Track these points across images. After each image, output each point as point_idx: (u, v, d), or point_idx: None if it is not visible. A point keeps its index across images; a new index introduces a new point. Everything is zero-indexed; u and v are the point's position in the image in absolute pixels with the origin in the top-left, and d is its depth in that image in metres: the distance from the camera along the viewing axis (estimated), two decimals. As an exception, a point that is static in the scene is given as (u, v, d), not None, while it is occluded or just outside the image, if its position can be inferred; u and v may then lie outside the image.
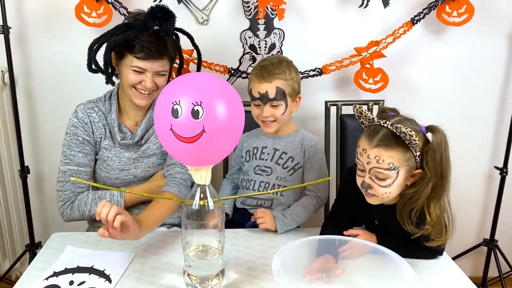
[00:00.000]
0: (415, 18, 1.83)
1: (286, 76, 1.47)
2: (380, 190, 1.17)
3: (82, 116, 1.48)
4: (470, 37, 1.95)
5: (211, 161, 1.06)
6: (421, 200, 1.16)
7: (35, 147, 2.08)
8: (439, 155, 1.13)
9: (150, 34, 1.37)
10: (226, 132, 1.01)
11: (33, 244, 2.02)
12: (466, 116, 2.05)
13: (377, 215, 1.29)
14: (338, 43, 1.94)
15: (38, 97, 2.02)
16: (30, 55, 1.96)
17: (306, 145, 1.54)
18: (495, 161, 2.11)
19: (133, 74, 1.40)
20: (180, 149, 1.02)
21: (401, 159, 1.13)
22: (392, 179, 1.15)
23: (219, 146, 1.02)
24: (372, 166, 1.15)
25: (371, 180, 1.17)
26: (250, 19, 1.91)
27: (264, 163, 1.56)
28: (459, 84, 2.02)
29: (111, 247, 1.32)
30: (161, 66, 1.41)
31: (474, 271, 2.27)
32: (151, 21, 1.36)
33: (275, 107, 1.47)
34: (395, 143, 1.12)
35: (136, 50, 1.36)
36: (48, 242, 1.35)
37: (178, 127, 0.98)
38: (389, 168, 1.13)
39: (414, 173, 1.17)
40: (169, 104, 0.99)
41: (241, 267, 1.22)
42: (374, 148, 1.13)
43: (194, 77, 1.08)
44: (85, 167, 1.46)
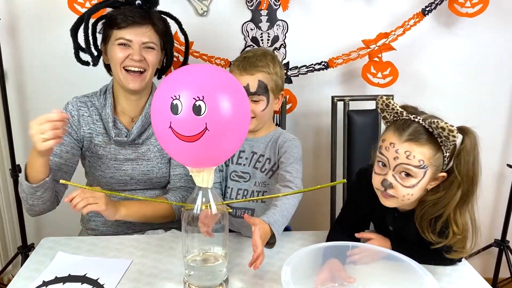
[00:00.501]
0: (426, 9, 1.75)
1: (269, 69, 1.35)
2: (402, 191, 1.07)
3: (71, 109, 1.42)
4: (482, 29, 1.86)
5: (214, 161, 0.98)
6: (449, 208, 1.07)
7: (27, 145, 1.98)
8: (472, 158, 1.05)
9: (131, 9, 1.33)
10: (230, 129, 0.92)
11: (25, 246, 1.94)
12: (477, 112, 1.96)
13: (392, 221, 1.20)
14: (345, 35, 1.85)
15: (30, 93, 1.94)
16: (21, 49, 1.88)
17: (281, 141, 1.38)
18: (507, 159, 2.03)
19: (120, 50, 1.33)
20: (180, 149, 0.93)
21: (432, 158, 1.05)
22: (418, 179, 1.06)
23: (223, 145, 0.94)
24: (400, 161, 1.05)
25: (394, 178, 1.07)
26: (252, 10, 1.82)
27: (242, 169, 1.40)
28: (470, 78, 1.94)
29: (105, 253, 1.23)
30: (146, 36, 1.34)
31: (484, 272, 2.18)
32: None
33: (255, 103, 1.34)
34: (427, 140, 1.04)
35: (118, 21, 1.32)
36: (38, 248, 1.26)
37: (178, 124, 0.90)
38: (419, 166, 1.04)
39: (437, 176, 1.08)
40: (167, 99, 0.90)
41: (246, 275, 1.13)
42: (405, 142, 1.04)
43: (195, 69, 0.98)
44: (53, 156, 1.33)
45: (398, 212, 1.17)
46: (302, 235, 1.34)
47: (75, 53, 1.39)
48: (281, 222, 1.15)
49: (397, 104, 1.09)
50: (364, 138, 1.70)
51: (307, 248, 1.04)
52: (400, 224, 1.17)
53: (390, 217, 1.19)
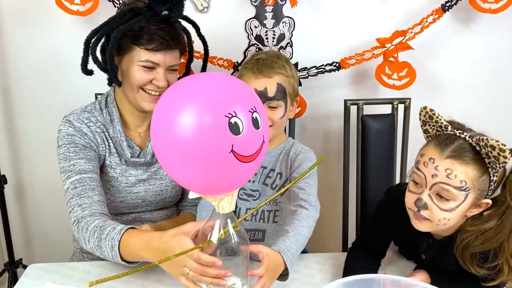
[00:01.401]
0: (447, 4, 1.62)
1: (287, 72, 1.25)
2: (438, 215, 0.95)
3: (80, 126, 1.23)
4: (504, 26, 1.75)
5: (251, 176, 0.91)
6: (501, 240, 0.95)
7: (13, 153, 1.87)
8: None
9: (158, 21, 1.17)
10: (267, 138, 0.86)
11: (12, 263, 1.81)
12: (498, 114, 1.85)
13: (426, 249, 1.08)
14: (356, 33, 1.74)
15: (16, 96, 1.81)
16: (6, 49, 1.75)
17: (293, 154, 1.27)
18: (526, 164, 1.92)
19: (143, 71, 1.18)
20: (236, 174, 0.82)
21: (476, 180, 0.93)
22: (457, 202, 0.94)
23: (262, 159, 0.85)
24: (438, 180, 0.94)
25: (430, 198, 0.95)
26: (256, 6, 1.70)
27: (251, 186, 1.28)
28: (491, 79, 1.82)
29: (100, 283, 1.10)
30: (174, 59, 1.21)
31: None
32: (160, 5, 1.16)
33: (273, 109, 1.23)
34: (473, 159, 0.93)
35: (144, 40, 1.16)
36: (23, 278, 1.13)
37: (240, 145, 0.78)
38: (460, 187, 0.93)
39: (481, 203, 0.96)
40: (222, 119, 0.76)
41: (260, 309, 1.00)
42: (446, 159, 0.93)
43: (216, 78, 0.86)
44: (89, 173, 1.18)
45: (433, 239, 1.04)
46: (319, 258, 1.22)
47: (83, 64, 1.22)
48: (295, 249, 1.03)
49: (442, 117, 0.98)
50: (380, 145, 1.58)
51: (340, 282, 0.90)
52: (435, 253, 1.05)
53: (423, 244, 1.07)
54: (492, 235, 0.96)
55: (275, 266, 0.97)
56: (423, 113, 1.00)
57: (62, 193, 1.85)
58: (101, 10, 1.59)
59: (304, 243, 1.07)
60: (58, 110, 1.79)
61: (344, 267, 1.10)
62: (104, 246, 1.02)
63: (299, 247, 1.05)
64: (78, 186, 1.14)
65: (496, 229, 0.96)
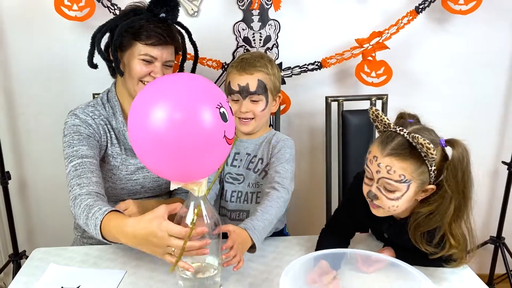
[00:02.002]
0: (420, 7, 1.73)
1: (268, 70, 1.37)
2: (387, 203, 1.07)
3: (85, 118, 1.33)
4: (475, 26, 1.85)
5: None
6: (444, 222, 1.06)
7: (16, 151, 1.96)
8: (461, 172, 1.03)
9: (156, 21, 1.31)
10: None
11: (17, 254, 1.90)
12: (471, 109, 1.96)
13: (387, 228, 1.19)
14: (337, 35, 1.83)
15: (18, 97, 1.90)
16: (9, 53, 1.84)
17: (274, 141, 1.38)
18: (501, 156, 2.03)
19: (142, 65, 1.31)
20: (220, 157, 0.97)
21: (414, 172, 1.03)
22: (401, 192, 1.05)
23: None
24: (381, 175, 1.05)
25: (378, 190, 1.07)
26: (243, 10, 1.80)
27: (236, 170, 1.41)
28: (464, 76, 1.93)
29: (99, 264, 1.21)
30: (170, 55, 1.34)
31: (481, 268, 2.19)
32: (158, 8, 1.31)
33: (255, 103, 1.35)
34: (410, 154, 1.02)
35: (144, 36, 1.29)
36: (28, 261, 1.23)
37: (229, 130, 0.94)
38: (400, 181, 1.03)
39: (426, 188, 1.07)
40: (214, 110, 0.90)
41: (243, 283, 1.12)
42: (386, 157, 1.03)
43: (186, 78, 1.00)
44: (90, 158, 1.26)
45: (393, 220, 1.15)
46: (299, 240, 1.32)
47: (89, 57, 1.35)
48: (262, 226, 1.14)
49: (385, 116, 1.07)
50: (359, 138, 1.69)
51: (305, 257, 1.02)
52: (395, 231, 1.16)
53: (386, 225, 1.18)
54: (435, 215, 1.06)
55: (242, 240, 1.08)
56: (371, 112, 1.09)
57: (62, 188, 1.95)
58: (97, 16, 1.68)
59: (272, 220, 1.18)
60: (58, 110, 1.89)
61: (316, 248, 1.21)
62: (90, 224, 1.10)
63: (267, 224, 1.16)
64: (79, 169, 1.23)
65: (438, 210, 1.06)
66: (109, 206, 1.12)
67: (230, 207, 1.38)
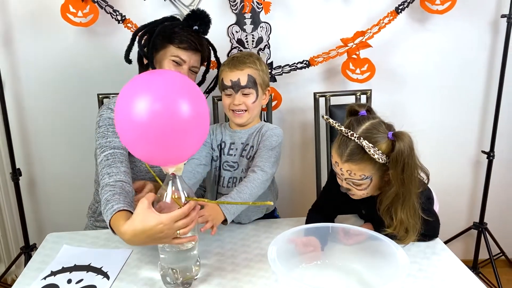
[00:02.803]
0: (399, 8, 1.85)
1: (257, 66, 1.49)
2: (358, 193, 1.23)
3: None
4: (454, 24, 1.97)
5: None
6: (388, 201, 1.20)
7: (25, 150, 2.07)
8: (400, 165, 1.13)
9: (190, 31, 1.47)
10: None
11: (28, 246, 2.02)
12: (452, 102, 2.08)
13: (363, 205, 1.33)
14: (325, 35, 1.95)
15: (27, 99, 2.01)
16: (17, 56, 1.95)
17: (264, 130, 1.49)
18: (481, 146, 2.15)
19: (172, 65, 1.44)
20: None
21: (372, 169, 1.17)
22: (366, 184, 1.20)
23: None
24: (345, 177, 1.20)
25: (348, 185, 1.22)
26: (236, 13, 1.91)
27: (232, 159, 1.52)
28: (444, 71, 2.05)
29: (108, 245, 1.33)
30: (196, 61, 1.48)
31: (465, 254, 2.31)
32: (193, 21, 1.48)
33: (246, 96, 1.48)
34: (363, 157, 1.15)
35: (177, 40, 1.44)
36: (44, 243, 1.36)
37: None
38: (362, 179, 1.19)
39: (388, 173, 1.18)
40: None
41: (237, 259, 1.24)
42: (345, 163, 1.18)
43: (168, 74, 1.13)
44: (121, 149, 1.35)
45: (367, 197, 1.29)
46: (289, 221, 1.46)
47: (127, 52, 1.50)
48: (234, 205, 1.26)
49: (335, 123, 1.20)
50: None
51: (292, 230, 1.14)
52: (370, 207, 1.29)
53: (362, 203, 1.31)
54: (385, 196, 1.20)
55: (215, 213, 1.22)
56: (324, 119, 1.25)
57: (69, 184, 2.09)
58: (100, 22, 1.81)
59: (246, 198, 1.28)
60: (64, 110, 2.02)
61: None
62: (105, 217, 1.20)
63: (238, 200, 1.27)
64: (110, 158, 1.31)
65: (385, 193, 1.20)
66: (122, 203, 1.19)
67: (225, 191, 1.50)
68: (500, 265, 2.25)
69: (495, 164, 2.08)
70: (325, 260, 1.17)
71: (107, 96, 1.79)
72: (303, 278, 1.12)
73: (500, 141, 2.07)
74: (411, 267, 1.13)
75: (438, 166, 2.16)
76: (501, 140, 2.08)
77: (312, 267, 1.16)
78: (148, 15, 1.53)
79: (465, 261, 1.30)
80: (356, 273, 1.14)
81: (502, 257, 2.25)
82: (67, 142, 2.06)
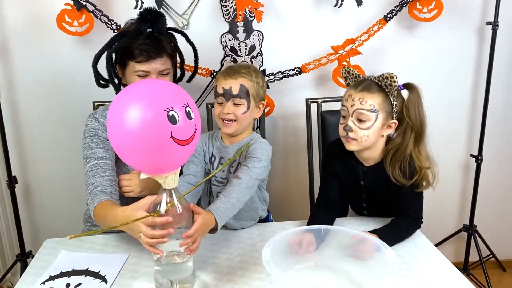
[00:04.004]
0: (388, 16, 1.91)
1: (252, 78, 1.46)
2: (360, 133, 1.34)
3: (104, 121, 1.47)
4: (441, 31, 2.03)
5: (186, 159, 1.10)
6: (409, 149, 1.34)
7: (21, 157, 2.09)
8: (417, 107, 1.35)
9: (145, 37, 1.43)
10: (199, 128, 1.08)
11: (23, 253, 2.04)
12: (441, 107, 2.13)
13: (363, 176, 1.43)
14: (316, 43, 2.00)
15: (23, 107, 2.04)
16: (13, 66, 1.98)
17: (252, 143, 1.46)
18: (470, 150, 2.20)
19: (139, 79, 1.43)
20: (176, 155, 1.02)
21: (381, 103, 1.33)
22: (371, 121, 1.32)
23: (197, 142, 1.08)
24: (356, 108, 1.33)
25: (353, 123, 1.33)
26: (229, 22, 1.95)
27: (221, 174, 1.51)
28: (432, 77, 2.10)
29: (105, 249, 1.36)
30: (162, 65, 1.44)
31: (456, 256, 2.35)
32: (143, 25, 1.42)
33: (237, 106, 1.44)
34: (377, 90, 1.33)
35: (135, 55, 1.41)
36: (41, 249, 1.37)
37: (178, 132, 0.99)
38: (371, 110, 1.32)
39: (390, 123, 1.35)
40: (162, 113, 0.97)
41: (233, 261, 1.27)
42: (359, 92, 1.34)
43: (153, 83, 1.09)
44: (105, 159, 1.41)
45: (367, 167, 1.41)
46: (282, 225, 1.49)
47: (96, 81, 1.49)
48: (224, 207, 1.24)
49: (356, 71, 1.41)
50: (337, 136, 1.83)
51: (286, 232, 1.18)
52: (370, 177, 1.41)
53: (360, 172, 1.42)
54: (403, 146, 1.36)
55: (205, 224, 1.16)
56: (343, 71, 1.42)
57: (65, 191, 2.11)
58: (96, 31, 1.84)
59: (234, 202, 1.27)
60: (60, 118, 2.04)
61: (308, 221, 1.44)
62: (91, 212, 1.29)
63: (229, 205, 1.26)
64: (94, 169, 1.38)
65: (401, 144, 1.36)
66: (107, 196, 1.31)
67: (216, 190, 1.51)
68: (490, 266, 2.30)
69: (484, 167, 2.13)
70: (317, 261, 1.20)
71: (102, 103, 1.81)
72: (297, 279, 1.15)
73: (488, 144, 2.12)
74: (400, 267, 1.17)
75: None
76: (488, 144, 2.13)
77: (305, 268, 1.19)
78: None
79: (455, 263, 1.34)
80: (347, 273, 1.17)
81: (492, 258, 2.30)
82: (62, 149, 2.08)
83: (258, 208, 1.50)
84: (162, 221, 1.06)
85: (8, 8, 1.90)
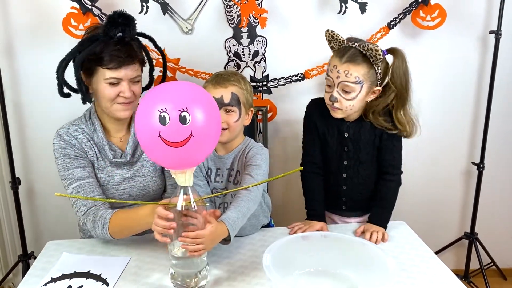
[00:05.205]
0: (391, 23, 1.92)
1: (241, 85, 1.45)
2: (345, 103, 1.39)
3: (69, 139, 1.42)
4: (444, 40, 2.04)
5: (195, 162, 1.14)
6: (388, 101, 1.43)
7: (25, 159, 2.11)
8: (402, 71, 1.40)
9: (115, 43, 1.35)
10: (210, 134, 1.10)
11: (25, 254, 2.04)
12: (443, 115, 2.14)
13: (347, 129, 1.51)
14: (319, 49, 1.97)
15: (27, 109, 2.05)
16: (18, 67, 1.99)
17: (248, 150, 1.46)
18: (472, 158, 2.21)
19: (110, 87, 1.36)
20: (167, 155, 1.08)
21: (366, 74, 1.36)
22: (356, 92, 1.36)
23: (204, 148, 1.11)
24: (341, 80, 1.36)
25: (338, 94, 1.36)
26: (233, 27, 1.97)
27: (220, 185, 1.50)
28: (435, 84, 2.11)
29: (106, 252, 1.36)
30: (134, 72, 1.39)
31: (456, 264, 2.35)
32: (113, 29, 1.34)
33: (228, 114, 1.43)
34: (362, 60, 1.36)
35: (105, 61, 1.33)
36: (44, 251, 1.39)
37: (167, 133, 1.05)
38: (355, 82, 1.36)
39: (374, 90, 1.39)
40: (155, 113, 1.04)
41: (233, 266, 1.28)
42: (343, 64, 1.36)
43: (174, 85, 1.15)
44: (87, 178, 1.39)
45: (349, 122, 1.50)
46: (283, 230, 1.50)
47: (59, 89, 1.41)
48: (235, 216, 1.25)
49: (340, 35, 1.42)
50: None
51: (286, 238, 1.19)
52: (353, 130, 1.49)
53: (344, 126, 1.50)
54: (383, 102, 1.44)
55: (215, 233, 1.18)
56: (327, 34, 1.43)
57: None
58: (101, 34, 1.86)
59: (245, 212, 1.29)
60: (63, 120, 2.03)
61: (303, 192, 1.60)
62: (102, 232, 1.30)
63: (240, 215, 1.26)
64: (80, 191, 1.36)
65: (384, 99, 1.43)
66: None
67: (216, 202, 1.52)
68: (491, 274, 2.30)
69: (485, 175, 2.14)
70: (317, 267, 1.21)
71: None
72: (297, 284, 1.16)
73: (489, 152, 2.12)
74: (400, 274, 1.18)
75: (430, 177, 2.23)
76: (490, 152, 2.14)
77: (305, 274, 1.20)
78: (147, 29, 1.56)
79: (456, 271, 1.35)
80: (347, 279, 1.18)
81: (493, 266, 2.30)
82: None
83: (260, 215, 1.50)
84: (166, 214, 1.14)
85: (15, 11, 1.92)
